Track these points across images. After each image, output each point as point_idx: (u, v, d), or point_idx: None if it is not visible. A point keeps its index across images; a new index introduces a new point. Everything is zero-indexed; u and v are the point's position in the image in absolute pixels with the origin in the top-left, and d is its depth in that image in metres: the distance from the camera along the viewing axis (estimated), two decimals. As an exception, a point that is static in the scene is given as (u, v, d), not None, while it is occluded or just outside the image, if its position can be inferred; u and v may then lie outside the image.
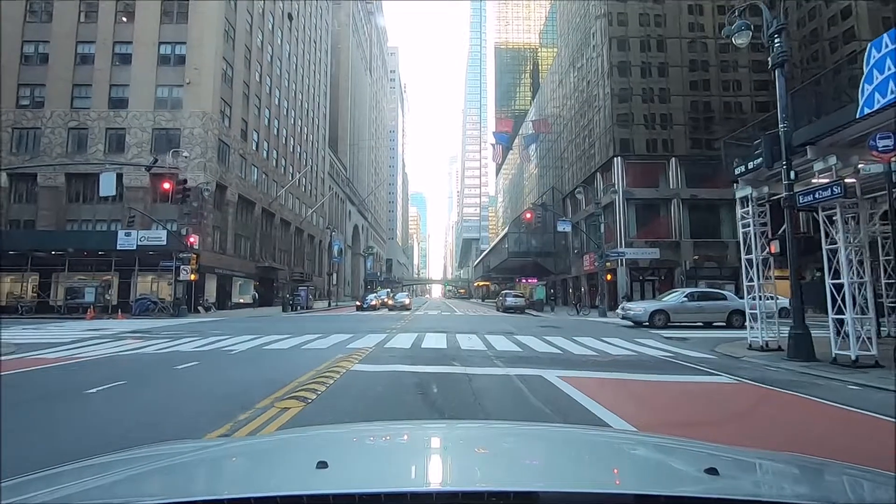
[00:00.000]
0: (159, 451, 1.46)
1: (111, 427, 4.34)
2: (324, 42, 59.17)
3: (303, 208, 48.45)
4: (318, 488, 0.91)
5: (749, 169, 10.20)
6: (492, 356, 8.90)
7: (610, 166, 32.45)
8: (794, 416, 5.21)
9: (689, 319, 16.33)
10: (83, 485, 1.09)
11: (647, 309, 16.54)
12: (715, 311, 16.49)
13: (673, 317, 16.04)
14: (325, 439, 1.63)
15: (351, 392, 5.74)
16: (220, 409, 4.85)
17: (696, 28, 33.09)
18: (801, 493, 1.14)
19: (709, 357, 9.52)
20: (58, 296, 27.36)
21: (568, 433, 1.94)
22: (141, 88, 29.62)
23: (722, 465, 1.11)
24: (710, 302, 16.80)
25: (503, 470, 1.24)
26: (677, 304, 16.54)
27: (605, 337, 12.87)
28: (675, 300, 16.83)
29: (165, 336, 13.20)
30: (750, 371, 7.74)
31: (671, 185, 31.20)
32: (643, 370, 7.72)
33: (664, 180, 31.69)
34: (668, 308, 16.34)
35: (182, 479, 1.19)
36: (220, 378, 7.02)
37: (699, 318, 16.53)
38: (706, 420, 4.89)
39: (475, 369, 7.34)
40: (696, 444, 1.56)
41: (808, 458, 1.40)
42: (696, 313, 16.47)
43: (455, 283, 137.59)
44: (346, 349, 9.75)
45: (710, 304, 16.68)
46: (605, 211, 30.87)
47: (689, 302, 16.64)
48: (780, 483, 1.20)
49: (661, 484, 1.11)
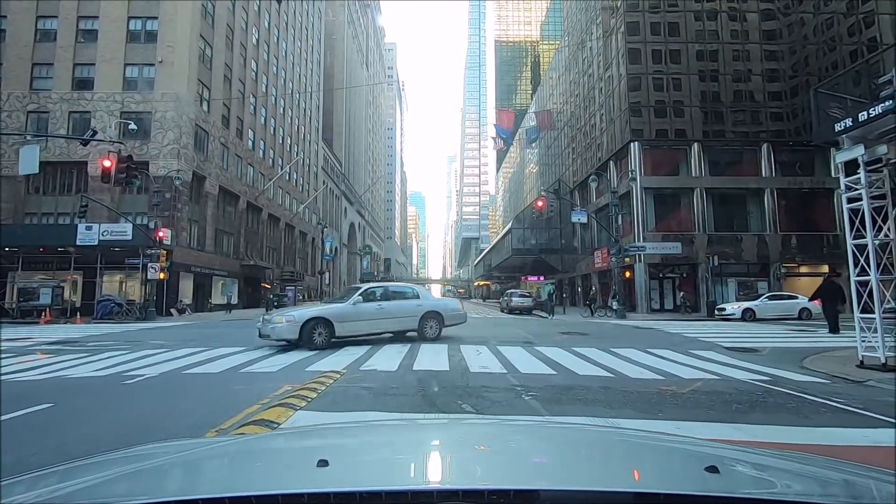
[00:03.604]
0: (158, 450, 1.43)
1: None
2: (316, 30, 56.25)
3: (294, 204, 45.56)
4: (318, 486, 0.90)
5: (862, 121, 7.40)
6: (517, 386, 6.06)
7: (626, 153, 29.63)
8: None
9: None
10: (82, 484, 1.06)
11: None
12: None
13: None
14: (325, 437, 1.65)
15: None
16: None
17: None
18: (802, 491, 1.09)
19: (816, 381, 6.74)
20: (14, 298, 24.45)
21: (569, 430, 2.02)
22: (108, 68, 26.75)
23: (723, 463, 1.12)
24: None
25: (504, 468, 1.21)
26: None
27: (651, 348, 10.05)
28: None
29: (88, 349, 10.36)
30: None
31: (693, 174, 28.37)
32: (754, 409, 4.97)
33: (685, 168, 28.86)
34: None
35: (182, 478, 1.18)
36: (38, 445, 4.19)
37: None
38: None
39: (501, 421, 4.49)
40: (697, 442, 1.58)
41: (810, 456, 1.38)
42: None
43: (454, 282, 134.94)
44: (303, 373, 6.88)
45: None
46: (622, 202, 28.01)
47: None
48: (781, 481, 1.14)
49: (662, 482, 1.11)
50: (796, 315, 20.10)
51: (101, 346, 10.74)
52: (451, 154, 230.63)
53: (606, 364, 7.82)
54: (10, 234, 23.90)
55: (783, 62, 29.98)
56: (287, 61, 45.00)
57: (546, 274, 46.81)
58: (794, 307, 20.45)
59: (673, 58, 29.78)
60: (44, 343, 11.87)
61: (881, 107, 6.94)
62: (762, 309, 20.17)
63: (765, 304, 20.51)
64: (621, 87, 30.86)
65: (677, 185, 28.75)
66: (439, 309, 11.42)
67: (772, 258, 27.47)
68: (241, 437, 2.62)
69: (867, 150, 7.75)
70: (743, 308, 20.38)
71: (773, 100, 29.52)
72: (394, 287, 11.79)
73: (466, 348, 9.85)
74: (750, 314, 19.91)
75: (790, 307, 20.51)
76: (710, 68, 29.68)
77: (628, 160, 29.12)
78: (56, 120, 26.37)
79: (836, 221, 26.66)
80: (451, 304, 12.15)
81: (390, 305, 10.76)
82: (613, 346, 10.21)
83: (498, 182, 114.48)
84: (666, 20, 30.16)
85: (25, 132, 22.45)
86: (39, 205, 26.71)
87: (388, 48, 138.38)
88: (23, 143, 15.26)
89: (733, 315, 20.17)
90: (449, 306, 11.85)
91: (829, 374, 7.27)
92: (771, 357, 9.12)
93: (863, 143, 7.76)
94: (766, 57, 29.92)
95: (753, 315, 19.85)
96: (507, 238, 52.64)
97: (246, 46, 35.56)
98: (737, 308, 20.60)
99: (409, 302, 11.13)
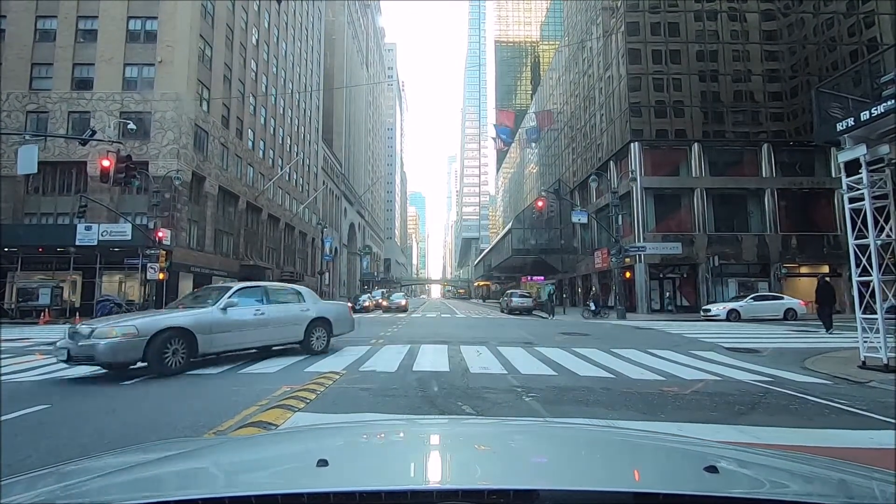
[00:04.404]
0: (158, 449, 1.43)
1: None
2: (316, 30, 56.20)
3: (294, 204, 45.51)
4: (318, 486, 0.90)
5: (864, 121, 7.37)
6: (518, 387, 6.02)
7: (626, 153, 29.59)
8: None
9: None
10: (82, 484, 1.06)
11: None
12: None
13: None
14: (325, 437, 1.63)
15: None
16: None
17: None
18: (801, 491, 1.08)
19: (818, 382, 6.71)
20: (13, 298, 24.39)
21: (569, 430, 2.02)
22: (107, 67, 26.70)
23: (722, 463, 1.13)
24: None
25: (503, 467, 1.20)
26: None
27: (652, 349, 10.01)
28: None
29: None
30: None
31: (693, 174, 28.33)
32: (755, 411, 4.93)
33: (685, 168, 28.82)
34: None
35: (181, 477, 1.17)
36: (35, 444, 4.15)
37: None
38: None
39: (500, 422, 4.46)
40: (697, 442, 1.59)
41: (809, 456, 1.37)
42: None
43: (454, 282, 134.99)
44: (302, 374, 6.85)
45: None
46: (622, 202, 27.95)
47: None
48: (780, 482, 1.14)
49: (661, 482, 1.10)
50: (781, 315, 20.26)
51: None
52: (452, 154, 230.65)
53: (607, 365, 7.78)
54: (9, 234, 23.85)
55: (783, 62, 29.95)
56: (287, 61, 44.95)
57: (546, 274, 46.76)
58: (780, 308, 20.64)
59: (673, 58, 29.74)
60: (43, 343, 11.82)
61: (883, 106, 6.91)
62: (747, 310, 20.25)
63: (750, 304, 20.60)
64: (621, 87, 30.82)
65: (677, 185, 28.72)
66: (329, 315, 9.43)
67: (772, 258, 27.44)
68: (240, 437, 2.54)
69: (869, 150, 7.72)
70: (728, 309, 20.53)
71: (774, 100, 29.48)
72: (273, 287, 9.35)
73: (466, 349, 9.81)
74: (735, 315, 20.03)
75: (775, 308, 20.68)
76: (711, 68, 29.64)
77: (628, 160, 29.09)
78: (55, 120, 26.31)
79: (837, 222, 26.66)
80: (340, 309, 10.24)
81: (271, 311, 8.44)
82: (614, 347, 10.17)
83: (498, 182, 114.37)
84: (666, 20, 30.12)
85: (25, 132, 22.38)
86: (39, 205, 26.65)
87: (388, 48, 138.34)
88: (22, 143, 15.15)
89: (718, 316, 20.30)
90: (338, 311, 10.03)
91: (831, 375, 7.24)
92: (772, 358, 9.08)
93: (865, 142, 7.73)
94: (767, 57, 29.89)
95: (738, 316, 19.96)
96: (507, 238, 52.63)
97: (246, 46, 35.51)
98: (722, 309, 20.75)
99: (294, 306, 8.95)
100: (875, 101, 7.37)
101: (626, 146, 29.46)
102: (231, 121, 33.20)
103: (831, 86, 9.60)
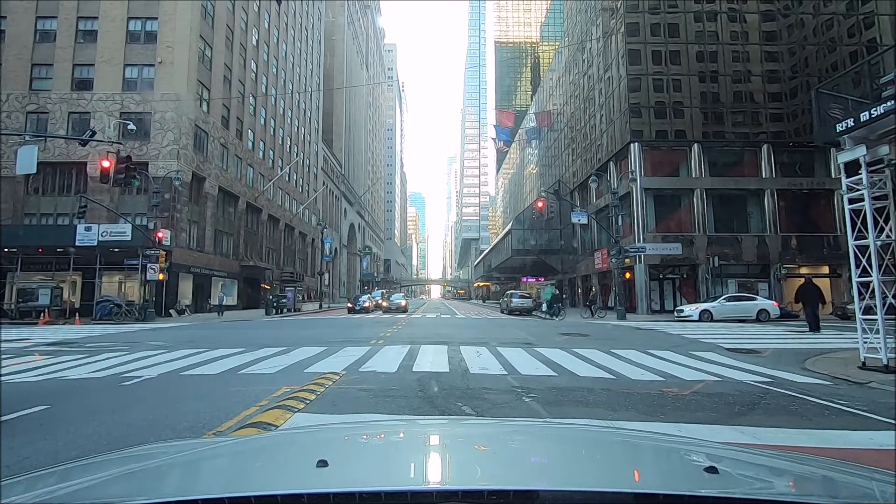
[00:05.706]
0: (157, 450, 1.44)
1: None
2: (316, 31, 56.23)
3: (293, 204, 45.51)
4: (318, 487, 0.90)
5: (864, 122, 7.37)
6: (517, 387, 6.01)
7: (626, 154, 29.60)
8: None
9: None
10: (82, 484, 1.06)
11: None
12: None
13: None
14: (325, 437, 1.62)
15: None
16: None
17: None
18: (801, 492, 1.10)
19: (818, 382, 6.70)
20: (13, 299, 24.37)
21: (569, 431, 2.01)
22: (107, 68, 26.72)
23: (722, 464, 1.11)
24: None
25: (503, 468, 1.20)
26: None
27: (652, 349, 10.01)
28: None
29: (86, 350, 10.32)
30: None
31: (693, 174, 28.33)
32: (755, 411, 4.93)
33: (685, 168, 28.82)
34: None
35: (181, 478, 1.17)
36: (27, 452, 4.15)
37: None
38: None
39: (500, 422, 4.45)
40: (697, 443, 1.61)
41: (809, 457, 1.37)
42: None
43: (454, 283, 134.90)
44: (302, 374, 6.84)
45: None
46: (622, 203, 27.95)
47: None
48: (780, 482, 1.15)
49: (661, 482, 1.11)
50: (754, 317, 20.15)
51: (100, 348, 10.70)
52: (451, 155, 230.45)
53: (607, 366, 7.78)
54: (9, 235, 23.83)
55: (783, 63, 29.95)
56: (287, 62, 44.97)
57: (546, 275, 46.76)
58: (752, 308, 20.55)
59: (673, 59, 29.74)
60: (42, 344, 11.82)
61: (883, 107, 6.92)
62: (719, 310, 20.19)
63: (722, 305, 20.59)
64: (621, 87, 30.82)
65: (677, 185, 28.70)
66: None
67: (772, 259, 27.43)
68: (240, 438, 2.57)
69: (869, 151, 7.72)
70: (700, 310, 20.54)
71: (773, 101, 29.47)
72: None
73: (466, 349, 9.81)
74: (707, 315, 19.98)
75: (747, 308, 20.60)
76: (710, 69, 29.63)
77: (628, 161, 29.09)
78: (55, 120, 26.33)
79: (837, 222, 26.65)
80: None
81: None
82: (614, 348, 10.17)
83: (498, 183, 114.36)
84: (666, 21, 30.13)
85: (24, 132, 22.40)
86: (39, 205, 26.68)
87: (388, 49, 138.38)
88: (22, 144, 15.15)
89: (690, 317, 20.25)
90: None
91: (831, 376, 7.23)
92: (772, 358, 9.08)
93: (864, 143, 7.73)
94: (766, 58, 29.89)
95: (710, 316, 19.90)
96: (506, 239, 52.61)
97: (246, 47, 35.53)
98: (694, 309, 20.76)
99: None
100: (875, 101, 7.38)
101: (625, 147, 29.46)
102: (231, 121, 33.22)
103: (831, 86, 9.60)
